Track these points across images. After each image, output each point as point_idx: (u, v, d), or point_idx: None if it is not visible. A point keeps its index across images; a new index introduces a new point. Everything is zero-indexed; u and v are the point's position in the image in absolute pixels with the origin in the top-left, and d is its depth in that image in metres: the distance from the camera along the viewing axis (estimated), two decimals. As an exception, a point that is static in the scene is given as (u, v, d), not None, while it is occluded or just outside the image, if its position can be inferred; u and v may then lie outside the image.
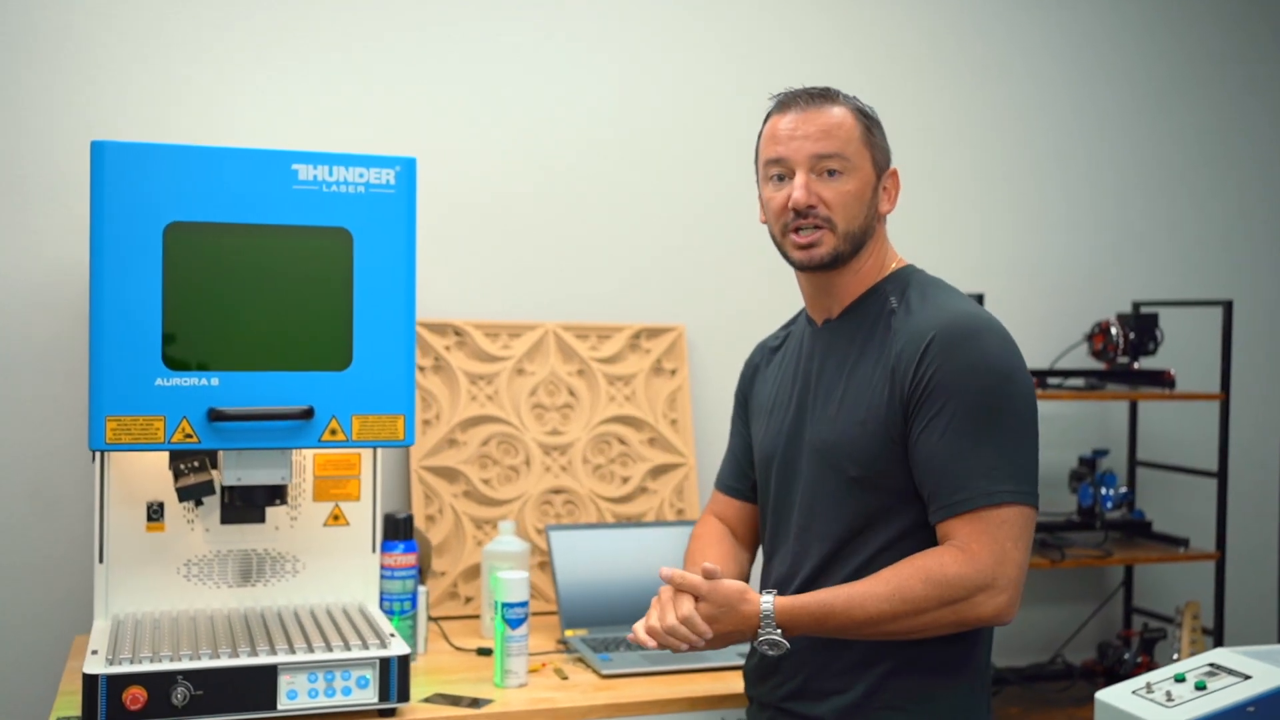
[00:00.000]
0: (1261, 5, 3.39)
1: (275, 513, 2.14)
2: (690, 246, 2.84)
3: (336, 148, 2.14)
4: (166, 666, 1.80)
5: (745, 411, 2.00)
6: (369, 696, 1.89)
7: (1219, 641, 2.90)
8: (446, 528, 2.57)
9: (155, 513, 2.10)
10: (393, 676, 1.89)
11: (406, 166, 2.01)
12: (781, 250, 1.80)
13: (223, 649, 1.87)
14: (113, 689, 1.77)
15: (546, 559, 2.55)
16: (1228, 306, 2.96)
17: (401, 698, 1.90)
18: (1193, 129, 3.32)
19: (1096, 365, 3.05)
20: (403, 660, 1.90)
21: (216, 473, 2.02)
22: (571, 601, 2.38)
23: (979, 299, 2.80)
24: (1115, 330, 2.95)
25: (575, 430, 2.68)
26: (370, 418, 1.98)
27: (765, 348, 2.00)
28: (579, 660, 2.24)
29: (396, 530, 2.23)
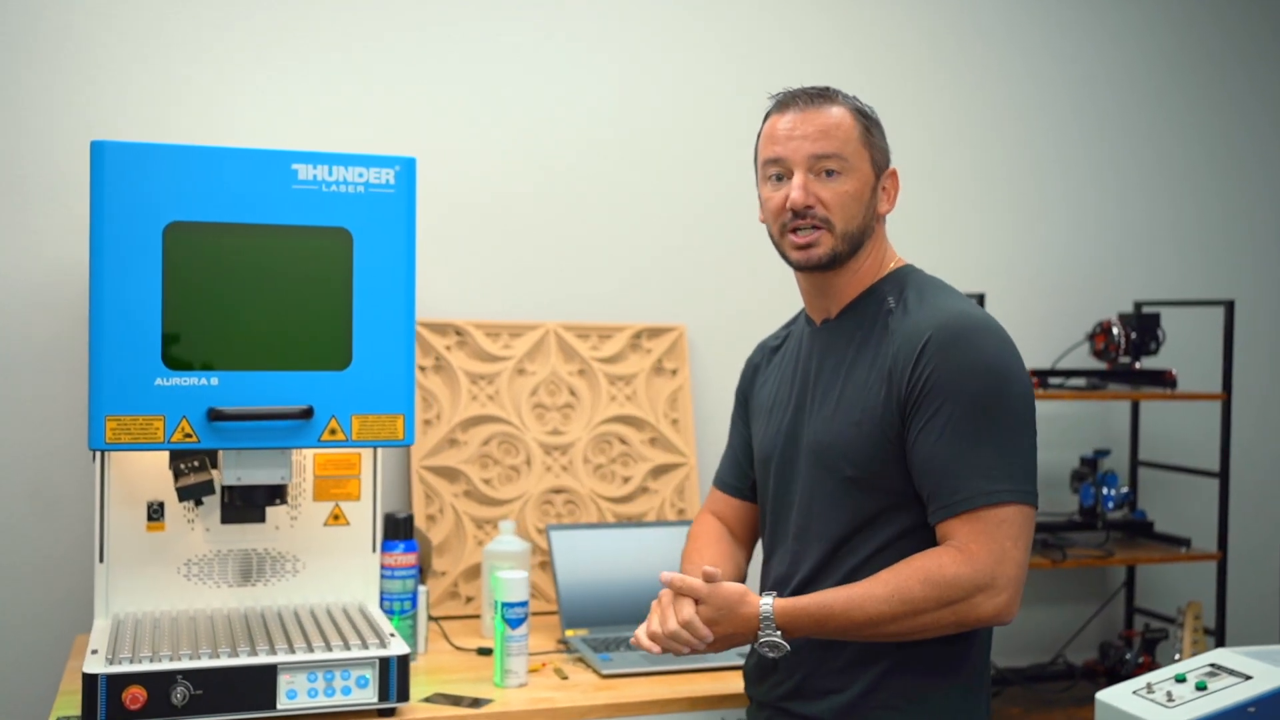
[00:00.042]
0: (1261, 5, 3.38)
1: (275, 512, 2.14)
2: (691, 246, 2.84)
3: (336, 148, 2.14)
4: (166, 666, 1.80)
5: (745, 411, 2.00)
6: (369, 696, 1.89)
7: (1221, 642, 2.90)
8: (447, 527, 2.57)
9: (155, 512, 2.10)
10: (392, 676, 1.89)
11: (406, 166, 2.01)
12: (780, 250, 1.80)
13: (222, 649, 1.87)
14: (112, 688, 1.77)
15: (547, 559, 2.55)
16: (1229, 306, 2.96)
17: (401, 697, 1.90)
18: (1194, 128, 3.31)
19: (1098, 365, 3.05)
20: (402, 660, 1.90)
21: (216, 472, 2.02)
22: (572, 601, 2.38)
23: (980, 299, 2.80)
24: (1117, 330, 2.94)
25: (576, 430, 2.68)
26: (370, 417, 1.98)
27: (766, 347, 2.00)
28: (579, 660, 2.24)
29: (397, 530, 2.23)
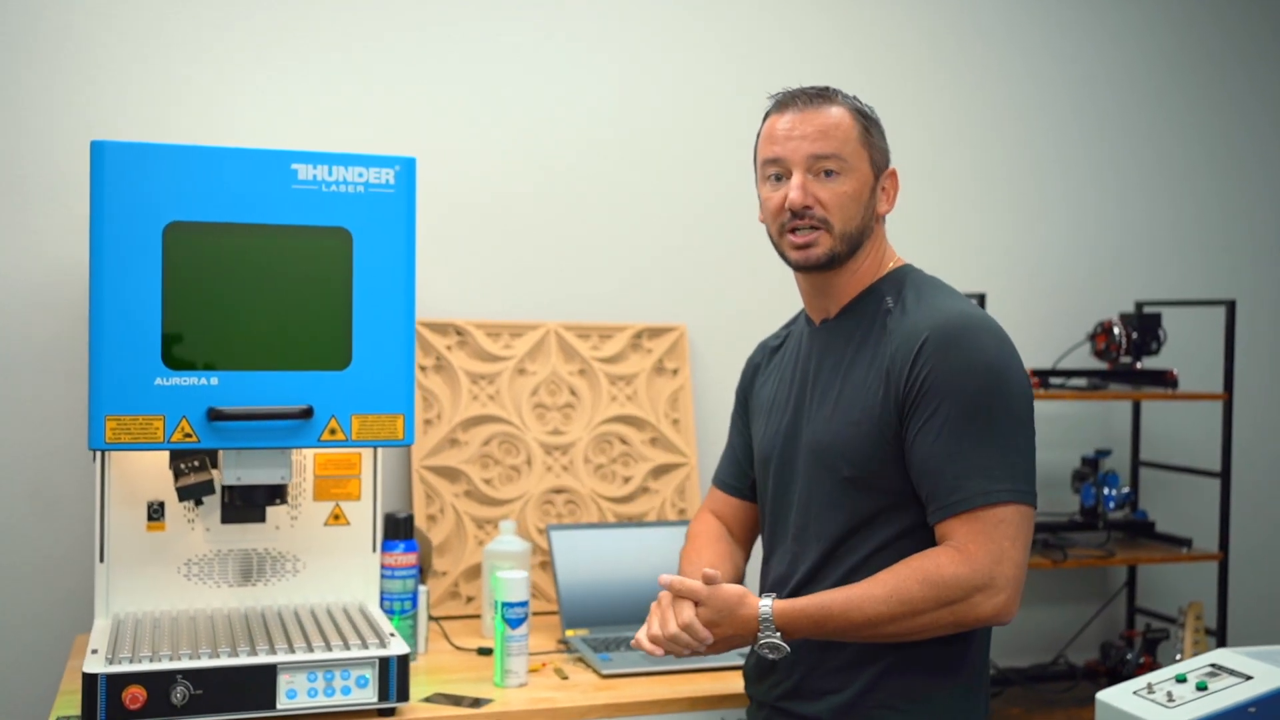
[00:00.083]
0: (1261, 5, 3.38)
1: (275, 512, 2.14)
2: (691, 246, 2.84)
3: (336, 148, 2.14)
4: (166, 666, 1.80)
5: (745, 410, 2.00)
6: (368, 696, 1.89)
7: (1222, 642, 2.90)
8: (447, 527, 2.57)
9: (155, 512, 2.10)
10: (392, 676, 1.89)
11: (406, 166, 2.01)
12: (779, 250, 1.79)
13: (222, 648, 1.87)
14: (112, 688, 1.77)
15: (547, 559, 2.55)
16: (1231, 306, 2.96)
17: (401, 697, 1.90)
18: (1194, 128, 3.31)
19: (1099, 365, 3.05)
20: (402, 660, 1.90)
21: (216, 472, 2.02)
22: (572, 601, 2.38)
23: (980, 299, 2.80)
24: (1118, 330, 2.94)
25: (576, 430, 2.68)
26: (370, 417, 1.98)
27: (766, 347, 2.00)
28: (579, 660, 2.23)
29: (397, 530, 2.23)
